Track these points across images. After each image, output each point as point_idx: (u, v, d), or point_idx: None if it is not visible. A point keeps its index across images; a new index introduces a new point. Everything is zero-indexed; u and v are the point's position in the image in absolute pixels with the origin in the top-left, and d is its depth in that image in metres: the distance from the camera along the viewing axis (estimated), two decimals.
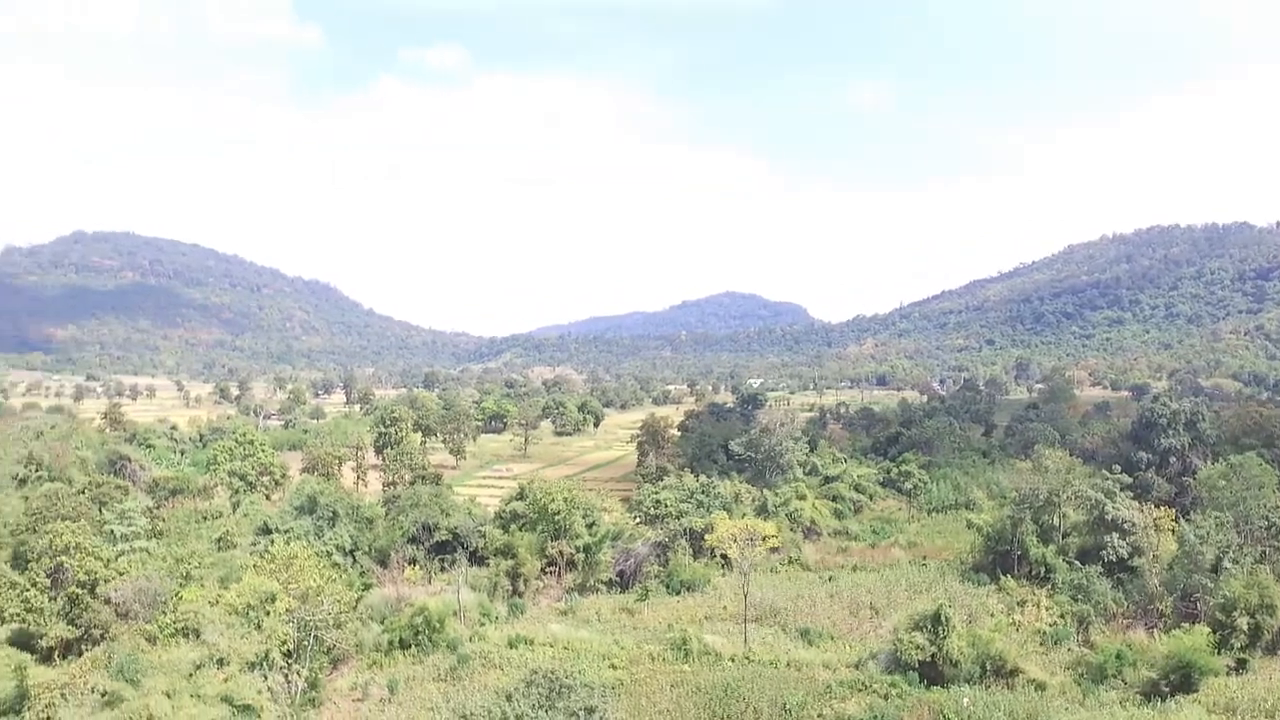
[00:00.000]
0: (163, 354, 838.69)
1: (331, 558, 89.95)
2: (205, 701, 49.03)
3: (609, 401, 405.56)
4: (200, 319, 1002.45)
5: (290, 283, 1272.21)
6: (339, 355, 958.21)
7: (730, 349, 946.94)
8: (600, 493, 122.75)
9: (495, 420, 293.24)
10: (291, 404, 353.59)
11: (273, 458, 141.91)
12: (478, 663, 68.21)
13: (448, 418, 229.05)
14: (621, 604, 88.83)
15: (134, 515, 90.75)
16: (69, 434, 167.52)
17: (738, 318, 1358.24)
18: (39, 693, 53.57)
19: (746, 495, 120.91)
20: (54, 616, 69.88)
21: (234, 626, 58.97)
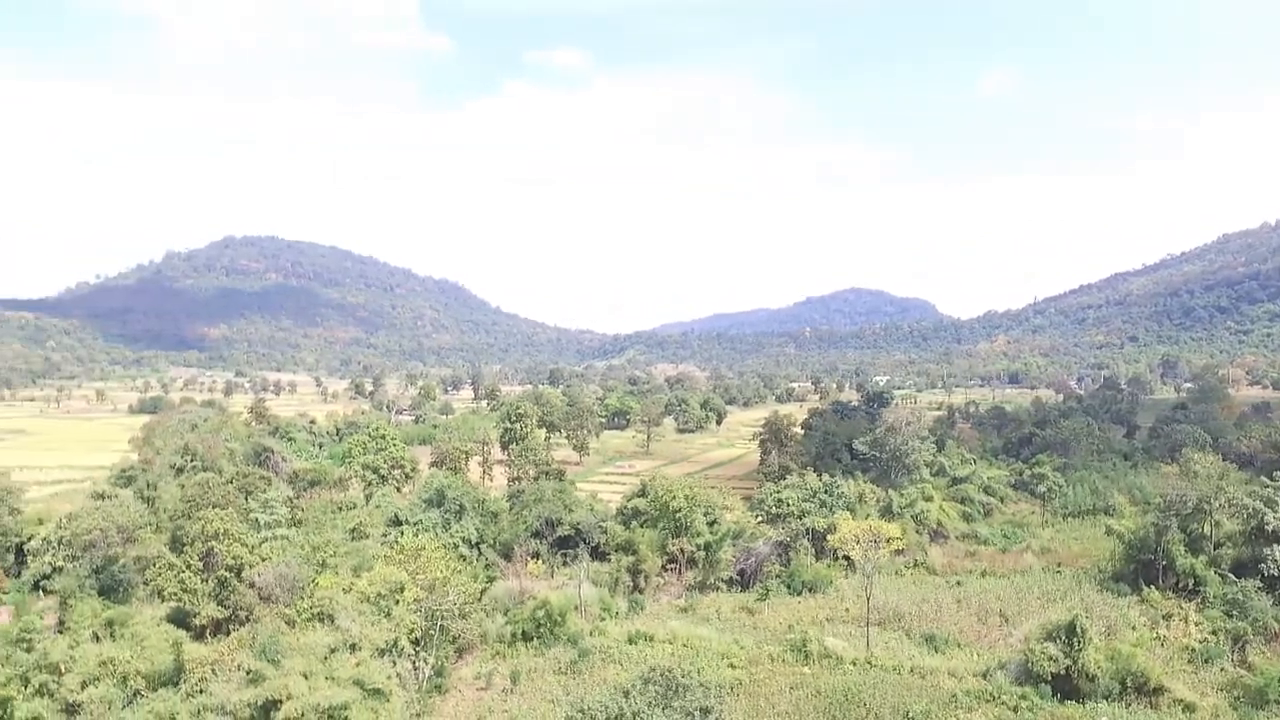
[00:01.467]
0: (303, 351, 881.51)
1: (458, 550, 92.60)
2: (338, 684, 51.10)
3: (731, 399, 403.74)
4: (338, 318, 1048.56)
5: (421, 282, 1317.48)
6: (467, 352, 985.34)
7: (855, 346, 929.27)
8: (722, 491, 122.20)
9: (618, 417, 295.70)
10: (422, 400, 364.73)
11: (404, 452, 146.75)
12: (597, 657, 68.93)
13: (572, 414, 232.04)
14: (741, 603, 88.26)
15: (276, 505, 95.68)
16: (219, 427, 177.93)
17: (863, 314, 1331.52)
18: (193, 667, 57.13)
19: (871, 495, 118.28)
20: (205, 597, 74.24)
21: (365, 614, 61.37)
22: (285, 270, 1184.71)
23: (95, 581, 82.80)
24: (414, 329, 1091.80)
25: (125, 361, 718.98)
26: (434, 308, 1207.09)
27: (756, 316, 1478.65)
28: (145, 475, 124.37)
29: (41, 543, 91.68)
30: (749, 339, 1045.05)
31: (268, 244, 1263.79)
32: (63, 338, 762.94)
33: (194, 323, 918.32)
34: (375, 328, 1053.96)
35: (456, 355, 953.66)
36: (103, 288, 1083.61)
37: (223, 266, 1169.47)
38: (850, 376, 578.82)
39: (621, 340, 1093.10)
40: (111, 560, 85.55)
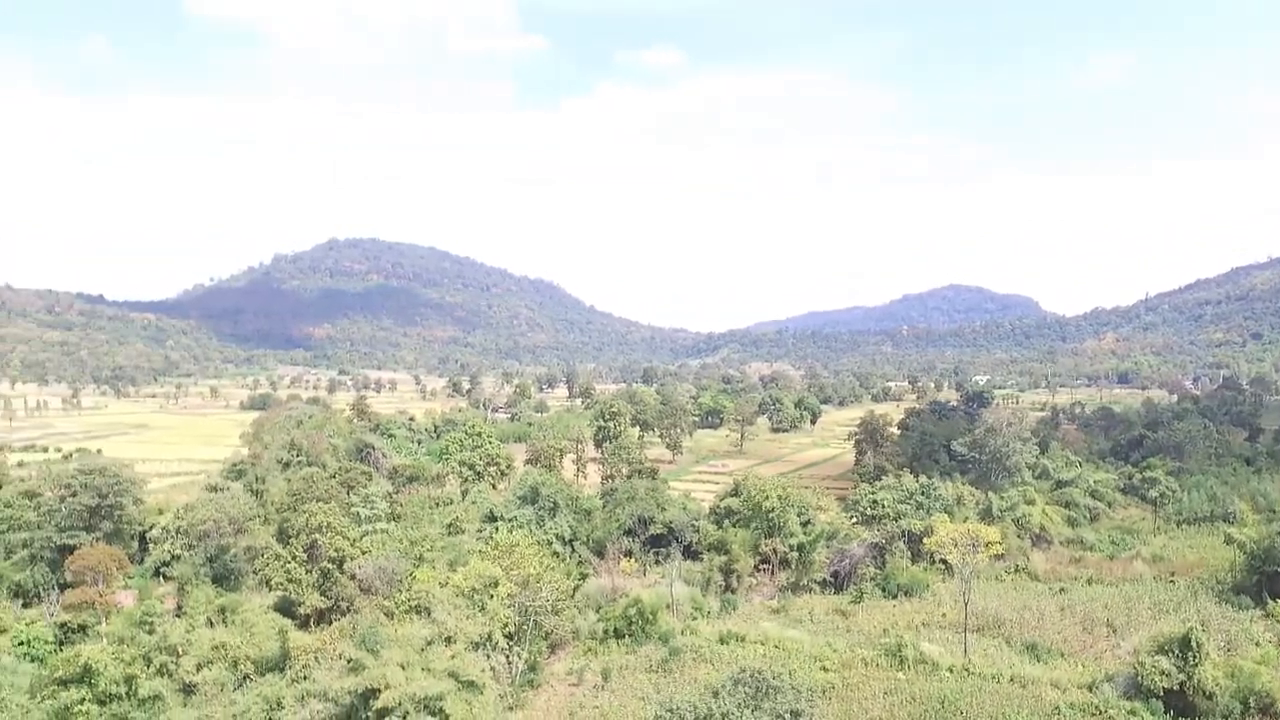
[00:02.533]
0: (403, 350, 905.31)
1: (551, 546, 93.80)
2: (434, 675, 52.30)
3: (826, 398, 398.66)
4: (436, 317, 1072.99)
5: (517, 282, 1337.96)
6: (562, 351, 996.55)
7: (954, 344, 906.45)
8: (815, 491, 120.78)
9: (711, 416, 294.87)
10: (517, 398, 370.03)
11: (499, 449, 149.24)
12: (688, 656, 68.88)
13: (665, 413, 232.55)
14: (835, 605, 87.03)
15: (376, 499, 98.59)
16: (323, 423, 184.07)
17: (962, 312, 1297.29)
18: (297, 654, 59.34)
19: (969, 498, 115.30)
20: (310, 588, 77.01)
21: (461, 607, 62.66)
22: (386, 271, 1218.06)
23: (209, 569, 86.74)
24: (510, 328, 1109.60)
25: (237, 360, 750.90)
26: (529, 307, 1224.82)
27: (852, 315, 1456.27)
28: (254, 469, 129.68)
29: (161, 531, 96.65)
30: (844, 337, 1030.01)
31: (369, 246, 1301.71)
32: (181, 337, 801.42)
33: (300, 323, 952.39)
34: (472, 327, 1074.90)
35: (551, 354, 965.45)
36: (216, 289, 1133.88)
37: (327, 268, 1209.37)
38: (948, 376, 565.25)
39: (715, 339, 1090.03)
40: (224, 550, 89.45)
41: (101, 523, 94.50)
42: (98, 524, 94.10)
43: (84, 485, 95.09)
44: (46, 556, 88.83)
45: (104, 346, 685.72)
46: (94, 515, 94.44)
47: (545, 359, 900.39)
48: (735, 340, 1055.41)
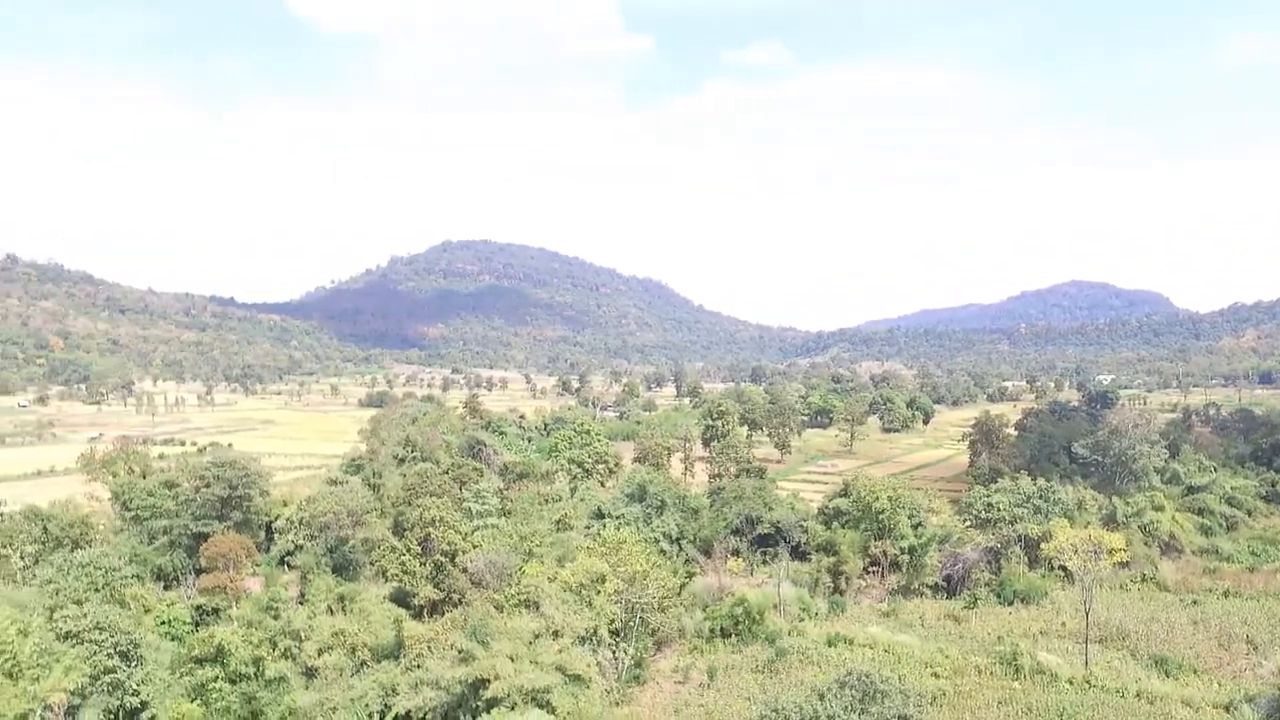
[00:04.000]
0: (514, 349, 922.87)
1: (658, 544, 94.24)
2: (542, 668, 53.28)
3: (939, 398, 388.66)
4: (546, 317, 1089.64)
5: (625, 281, 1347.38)
6: (670, 350, 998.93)
7: (1076, 342, 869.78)
8: (927, 493, 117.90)
9: (820, 415, 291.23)
10: (626, 396, 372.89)
11: (607, 447, 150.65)
12: (795, 658, 68.20)
13: (773, 412, 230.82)
14: (947, 610, 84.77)
15: (487, 495, 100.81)
16: (437, 420, 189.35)
17: (1085, 308, 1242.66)
18: (411, 643, 61.20)
19: (1092, 503, 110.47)
20: (423, 580, 79.34)
21: (568, 602, 63.61)
22: (497, 272, 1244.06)
23: (329, 560, 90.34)
24: (618, 327, 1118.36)
25: (355, 359, 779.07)
26: (638, 306, 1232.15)
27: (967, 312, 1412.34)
28: (372, 464, 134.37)
29: (286, 522, 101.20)
30: (958, 336, 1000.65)
31: (481, 247, 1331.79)
32: (304, 337, 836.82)
33: (415, 323, 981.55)
34: (582, 326, 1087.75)
35: (659, 353, 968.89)
36: (337, 291, 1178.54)
37: (441, 269, 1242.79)
38: (1070, 375, 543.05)
39: (825, 338, 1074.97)
40: (343, 541, 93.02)
41: (232, 513, 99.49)
42: (229, 514, 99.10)
43: (216, 477, 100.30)
44: (184, 543, 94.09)
45: (234, 346, 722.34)
46: (225, 505, 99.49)
47: (653, 358, 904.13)
48: (845, 339, 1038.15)
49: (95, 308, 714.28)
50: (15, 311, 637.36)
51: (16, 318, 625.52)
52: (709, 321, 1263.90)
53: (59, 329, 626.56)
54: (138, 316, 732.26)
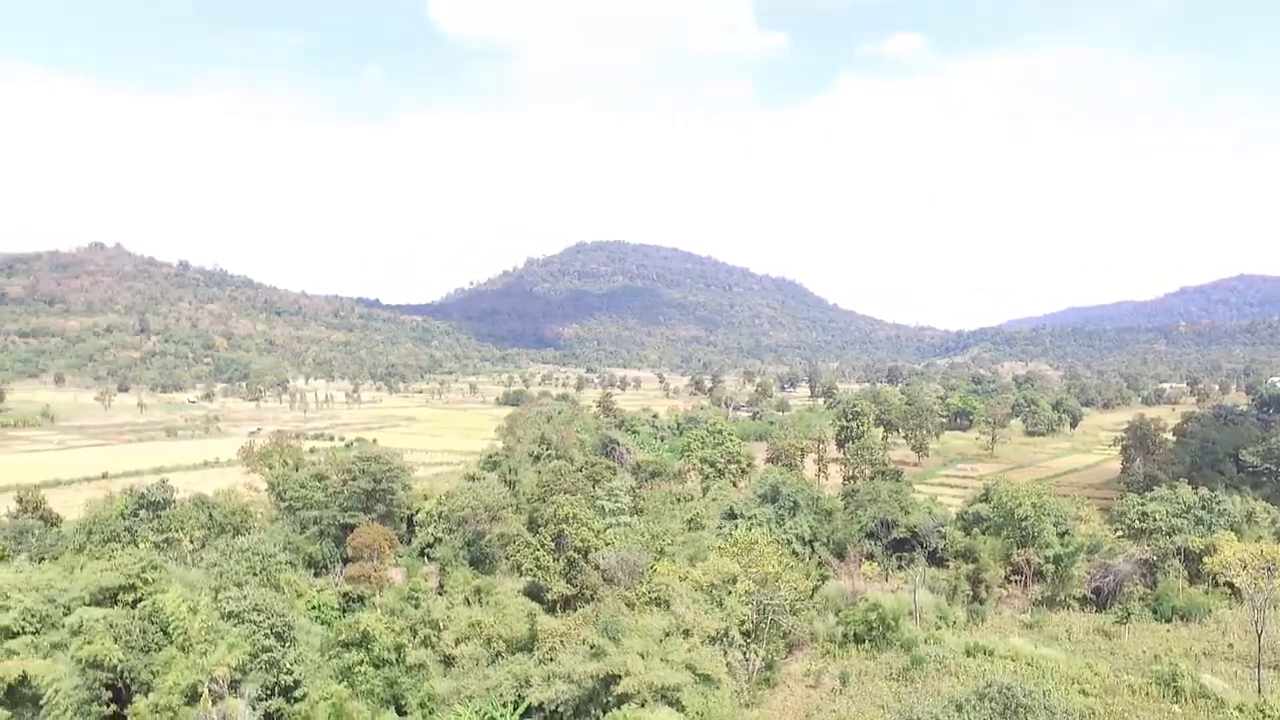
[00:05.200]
0: (647, 349, 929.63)
1: (790, 546, 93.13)
2: (672, 666, 53.34)
3: (1088, 400, 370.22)
4: (679, 317, 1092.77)
5: (759, 280, 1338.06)
6: (804, 350, 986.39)
7: (1245, 341, 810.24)
8: (1075, 500, 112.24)
9: (960, 417, 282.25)
10: (759, 396, 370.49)
11: (740, 447, 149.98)
12: (932, 666, 66.10)
13: (910, 413, 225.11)
14: (1097, 624, 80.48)
15: (620, 493, 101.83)
16: (571, 419, 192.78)
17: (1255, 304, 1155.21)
18: (544, 637, 62.29)
19: (1263, 515, 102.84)
20: (557, 575, 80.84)
21: (699, 602, 63.53)
22: (630, 273, 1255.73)
23: (467, 553, 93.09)
24: (751, 327, 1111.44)
25: (493, 359, 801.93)
26: (771, 305, 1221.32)
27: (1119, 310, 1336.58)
28: (508, 461, 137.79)
29: (426, 516, 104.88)
30: (1109, 334, 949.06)
31: (614, 248, 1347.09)
32: (444, 338, 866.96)
33: (550, 323, 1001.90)
34: (714, 326, 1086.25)
35: (793, 352, 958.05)
36: (475, 293, 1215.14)
37: (575, 271, 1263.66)
38: (1237, 377, 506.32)
39: (964, 337, 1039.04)
40: (480, 535, 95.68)
41: (376, 505, 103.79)
42: (373, 506, 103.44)
43: (362, 471, 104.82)
44: (332, 533, 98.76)
45: (380, 346, 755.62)
46: (370, 498, 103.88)
47: (787, 358, 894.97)
48: (986, 338, 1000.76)
49: (255, 310, 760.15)
50: (186, 314, 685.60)
51: (187, 320, 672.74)
52: (844, 321, 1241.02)
53: (223, 330, 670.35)
54: (292, 318, 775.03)
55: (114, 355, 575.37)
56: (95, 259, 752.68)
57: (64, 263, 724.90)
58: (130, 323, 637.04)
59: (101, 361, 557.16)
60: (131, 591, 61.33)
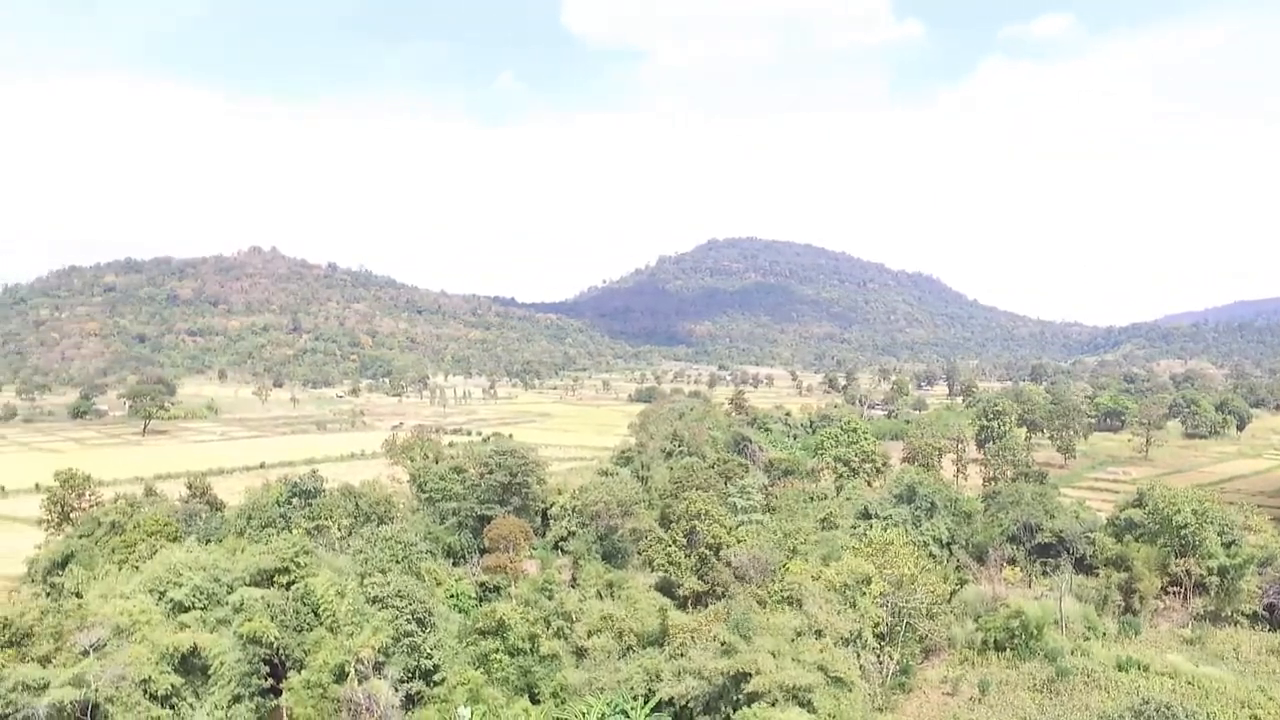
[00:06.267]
0: (779, 346, 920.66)
1: (927, 548, 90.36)
2: (804, 667, 52.64)
3: (1258, 400, 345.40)
4: (812, 314, 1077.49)
5: (894, 276, 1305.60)
6: (941, 347, 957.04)
7: None
8: (1243, 508, 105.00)
9: (1110, 418, 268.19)
10: (894, 395, 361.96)
11: (875, 446, 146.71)
12: (1079, 679, 62.91)
13: (1056, 413, 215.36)
14: (1270, 644, 74.74)
15: (752, 490, 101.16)
16: (703, 416, 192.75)
17: None
18: (675, 632, 62.59)
19: None
20: (688, 571, 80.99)
21: (832, 602, 62.44)
22: (763, 269, 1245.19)
23: (600, 547, 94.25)
24: (886, 323, 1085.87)
25: (625, 356, 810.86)
26: (907, 302, 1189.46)
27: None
28: (640, 457, 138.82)
29: (560, 509, 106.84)
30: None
31: (746, 245, 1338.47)
32: (577, 335, 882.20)
33: (682, 320, 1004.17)
34: (848, 323, 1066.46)
35: (930, 350, 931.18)
36: (608, 291, 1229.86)
37: (707, 268, 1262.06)
38: None
39: (1115, 333, 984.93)
40: (612, 530, 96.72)
41: (512, 498, 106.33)
42: (509, 499, 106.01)
43: (499, 465, 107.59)
44: (470, 524, 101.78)
45: (515, 344, 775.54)
46: (506, 491, 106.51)
47: (924, 355, 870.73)
48: (1139, 334, 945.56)
49: (397, 309, 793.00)
50: (334, 314, 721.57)
51: (335, 319, 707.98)
52: (984, 317, 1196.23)
53: (368, 329, 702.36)
54: (432, 317, 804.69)
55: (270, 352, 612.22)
56: (253, 262, 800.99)
57: (227, 266, 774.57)
58: (284, 322, 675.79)
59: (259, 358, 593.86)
60: (286, 574, 64.92)
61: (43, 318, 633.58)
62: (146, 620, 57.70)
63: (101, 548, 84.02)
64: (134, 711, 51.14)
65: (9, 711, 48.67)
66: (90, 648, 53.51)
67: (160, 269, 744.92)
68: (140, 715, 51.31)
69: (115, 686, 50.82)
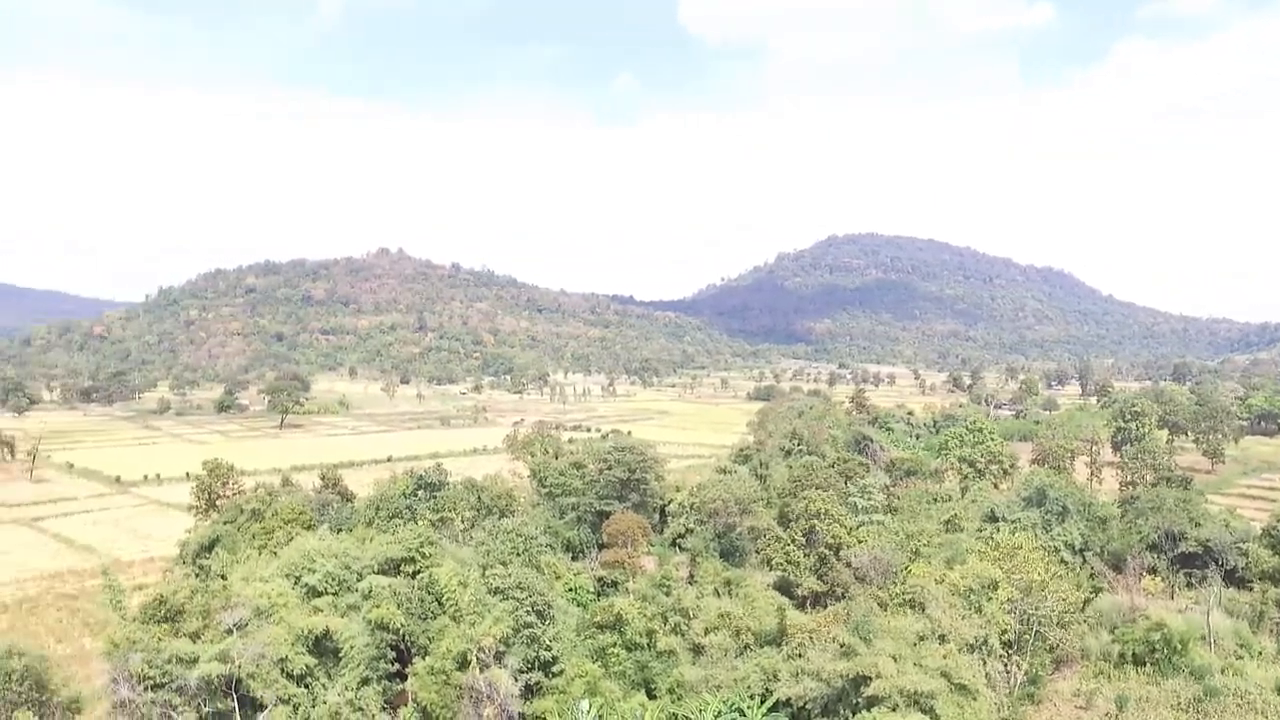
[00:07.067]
0: (901, 344, 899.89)
1: (1059, 554, 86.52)
2: (926, 672, 51.13)
3: None
4: (935, 311, 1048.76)
5: (1023, 271, 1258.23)
6: (1074, 345, 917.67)
7: None
8: None
9: (1265, 420, 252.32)
10: (1023, 394, 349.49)
11: (1002, 447, 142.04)
12: (1230, 701, 58.92)
13: (1201, 415, 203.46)
14: None
15: (873, 490, 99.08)
16: (823, 415, 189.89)
17: None
18: (793, 632, 61.76)
19: None
20: (807, 571, 79.93)
21: (956, 607, 60.48)
22: (884, 266, 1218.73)
23: (717, 545, 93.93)
24: (1014, 320, 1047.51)
25: (744, 354, 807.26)
26: (1036, 298, 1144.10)
27: None
28: (758, 455, 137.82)
29: (678, 506, 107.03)
30: None
31: (867, 241, 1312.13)
32: (695, 333, 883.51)
33: (801, 318, 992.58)
34: (973, 320, 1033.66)
35: (1061, 348, 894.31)
36: (726, 289, 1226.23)
37: (826, 265, 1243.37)
38: None
39: (1270, 330, 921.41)
40: (730, 528, 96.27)
41: (630, 494, 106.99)
42: (627, 495, 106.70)
43: (617, 461, 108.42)
44: (588, 519, 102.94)
45: (634, 342, 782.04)
46: (624, 487, 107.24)
47: (1054, 353, 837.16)
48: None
49: (518, 308, 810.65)
50: (458, 313, 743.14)
51: (459, 318, 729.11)
52: (1120, 313, 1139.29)
53: (490, 327, 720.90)
54: (552, 315, 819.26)
55: (397, 350, 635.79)
56: (382, 263, 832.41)
57: (357, 267, 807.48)
58: (410, 320, 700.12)
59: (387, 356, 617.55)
60: (411, 563, 67.00)
61: (192, 318, 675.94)
62: (283, 603, 60.55)
63: (243, 533, 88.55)
64: (273, 688, 53.77)
65: (165, 680, 51.98)
66: (234, 626, 56.46)
67: (296, 270, 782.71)
68: (278, 691, 53.91)
69: (256, 664, 53.55)
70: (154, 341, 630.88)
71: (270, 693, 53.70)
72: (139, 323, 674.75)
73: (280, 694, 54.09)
